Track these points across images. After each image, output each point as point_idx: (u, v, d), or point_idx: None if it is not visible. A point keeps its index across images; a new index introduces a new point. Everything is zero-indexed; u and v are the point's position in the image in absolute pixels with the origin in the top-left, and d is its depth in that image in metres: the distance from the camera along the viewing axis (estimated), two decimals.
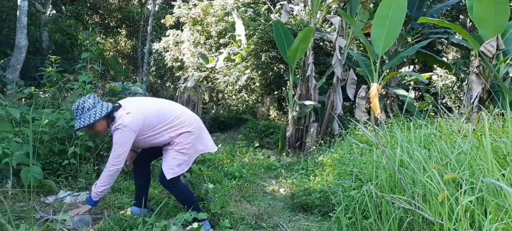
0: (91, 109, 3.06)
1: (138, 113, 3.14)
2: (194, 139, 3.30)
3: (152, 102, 3.46)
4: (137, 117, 3.12)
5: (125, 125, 3.05)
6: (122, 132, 3.05)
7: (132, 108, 3.17)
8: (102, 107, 3.10)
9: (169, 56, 15.49)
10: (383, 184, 3.20)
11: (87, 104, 3.07)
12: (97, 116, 3.04)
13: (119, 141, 3.06)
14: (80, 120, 3.05)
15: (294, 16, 12.64)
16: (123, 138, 3.06)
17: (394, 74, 8.04)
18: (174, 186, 3.30)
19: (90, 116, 3.04)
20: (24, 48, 8.35)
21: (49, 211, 3.38)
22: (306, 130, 8.66)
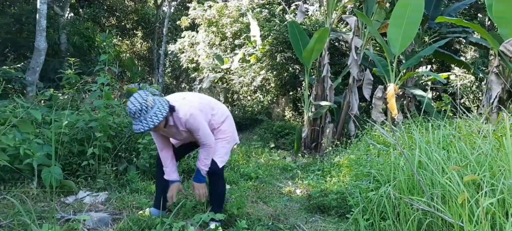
0: (153, 108, 2.86)
1: (192, 98, 3.30)
2: (233, 129, 3.52)
3: (195, 93, 3.63)
4: (193, 100, 3.25)
5: (192, 112, 3.08)
6: (194, 117, 3.09)
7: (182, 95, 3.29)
8: (160, 104, 2.93)
9: (184, 58, 15.58)
10: (401, 185, 3.17)
11: (149, 103, 2.85)
12: (163, 113, 2.90)
13: (197, 126, 3.11)
14: (146, 121, 2.83)
15: (309, 16, 12.61)
16: (198, 121, 3.11)
17: (411, 74, 7.96)
18: (222, 175, 3.43)
19: (156, 114, 2.86)
20: (43, 51, 8.51)
21: (70, 211, 3.44)
22: (321, 131, 8.63)
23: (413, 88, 8.22)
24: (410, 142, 4.14)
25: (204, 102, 3.33)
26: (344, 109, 8.44)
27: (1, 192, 3.61)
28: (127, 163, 4.77)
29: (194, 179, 3.34)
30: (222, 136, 3.38)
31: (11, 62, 9.96)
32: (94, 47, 12.97)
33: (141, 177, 4.63)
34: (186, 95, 3.33)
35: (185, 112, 3.06)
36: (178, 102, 3.12)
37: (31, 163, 3.70)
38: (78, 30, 12.59)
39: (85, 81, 6.72)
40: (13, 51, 11.94)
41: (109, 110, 4.79)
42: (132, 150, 4.89)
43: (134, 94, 2.92)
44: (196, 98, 3.33)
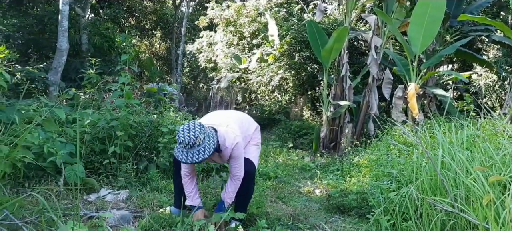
0: (200, 145, 2.86)
1: (233, 123, 3.32)
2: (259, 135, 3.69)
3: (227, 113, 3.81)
4: (234, 126, 3.29)
5: (236, 141, 3.13)
6: (238, 146, 3.15)
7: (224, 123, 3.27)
8: (210, 142, 2.92)
9: (202, 58, 15.69)
10: (424, 186, 3.12)
11: (199, 141, 2.84)
12: (210, 151, 2.89)
13: (239, 154, 3.18)
14: (191, 155, 2.85)
15: (328, 15, 12.53)
16: (240, 150, 3.19)
17: (432, 73, 7.83)
18: (253, 177, 3.47)
19: (203, 151, 2.87)
20: (65, 51, 8.66)
21: (92, 208, 3.49)
22: (340, 131, 8.57)
23: (434, 88, 8.09)
24: (432, 142, 4.08)
25: (243, 127, 3.45)
26: (363, 109, 8.37)
27: (26, 189, 3.68)
28: (147, 162, 4.81)
29: (216, 209, 3.30)
30: (254, 142, 3.58)
31: (34, 62, 10.17)
32: (114, 47, 13.15)
33: (161, 176, 4.66)
34: (228, 121, 3.31)
35: (232, 141, 3.11)
36: (223, 129, 3.16)
37: (55, 161, 3.77)
38: (98, 30, 12.77)
39: (106, 81, 6.82)
40: (36, 51, 12.18)
41: (130, 110, 4.84)
42: (152, 149, 4.93)
43: (188, 124, 2.93)
44: (237, 126, 3.32)
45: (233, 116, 3.58)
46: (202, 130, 2.88)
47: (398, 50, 9.95)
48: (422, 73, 7.47)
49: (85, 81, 6.48)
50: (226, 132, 3.14)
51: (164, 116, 5.67)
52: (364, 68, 8.97)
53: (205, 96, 20.34)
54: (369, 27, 9.65)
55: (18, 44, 11.76)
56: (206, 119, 3.48)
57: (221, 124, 3.23)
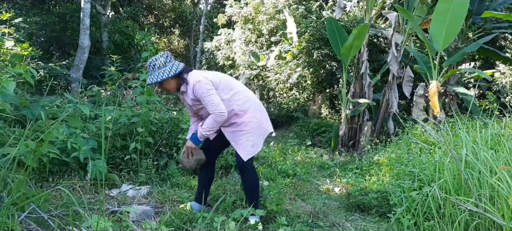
0: (161, 68, 3.16)
1: (208, 72, 3.35)
2: (261, 117, 3.43)
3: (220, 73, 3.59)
4: (208, 73, 3.32)
5: (199, 80, 3.17)
6: (201, 84, 3.16)
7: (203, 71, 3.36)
8: (171, 67, 3.18)
9: (220, 55, 15.73)
10: (447, 185, 3.08)
11: (158, 63, 3.17)
12: (165, 75, 3.14)
13: (203, 92, 3.15)
14: (151, 76, 3.18)
15: (347, 12, 12.43)
16: (204, 88, 3.15)
17: (454, 71, 7.69)
18: (249, 168, 3.39)
19: (160, 73, 3.15)
20: (87, 49, 8.79)
21: (114, 203, 3.55)
22: (359, 129, 8.49)
23: (456, 86, 7.96)
24: (456, 140, 4.01)
25: (221, 79, 3.34)
26: (383, 107, 8.28)
27: (50, 184, 3.76)
28: (167, 158, 4.86)
29: (190, 137, 3.36)
30: (245, 128, 3.31)
31: (56, 59, 10.36)
32: (134, 45, 13.29)
33: (181, 172, 4.71)
34: (207, 71, 3.40)
35: (195, 79, 3.19)
36: (192, 74, 3.26)
37: (78, 156, 3.84)
38: (118, 28, 12.92)
39: (126, 78, 6.91)
40: (58, 49, 12.40)
41: (151, 106, 4.90)
42: (172, 145, 4.98)
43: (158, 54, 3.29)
44: (213, 74, 3.36)
45: (219, 73, 3.50)
46: (167, 58, 3.22)
47: (419, 47, 9.82)
48: (443, 71, 7.35)
49: (107, 78, 6.59)
50: (192, 76, 3.24)
51: (183, 112, 5.72)
52: (384, 66, 8.87)
53: None
54: (390, 24, 9.54)
55: (41, 41, 11.99)
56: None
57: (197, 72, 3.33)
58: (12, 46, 6.01)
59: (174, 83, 3.27)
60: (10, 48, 5.97)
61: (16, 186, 2.07)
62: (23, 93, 5.10)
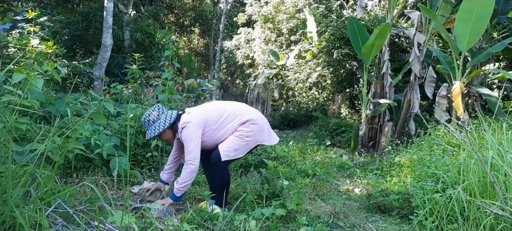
0: (156, 122, 3.31)
1: (198, 110, 3.44)
2: (256, 128, 3.45)
3: (212, 102, 3.76)
4: (198, 112, 3.38)
5: (188, 121, 3.26)
6: (188, 128, 3.26)
7: (193, 109, 3.44)
8: (165, 119, 3.32)
9: (240, 54, 15.79)
10: (472, 187, 3.02)
11: (152, 117, 3.32)
12: (160, 128, 3.29)
13: (187, 137, 3.25)
14: (149, 131, 3.32)
15: (368, 11, 12.31)
16: (189, 133, 3.25)
17: (479, 72, 7.54)
18: (222, 168, 3.42)
19: (156, 127, 3.29)
20: (109, 47, 8.92)
21: (136, 200, 3.60)
22: (380, 129, 8.41)
23: (479, 87, 7.80)
24: (480, 142, 3.93)
25: (209, 114, 3.39)
26: (404, 108, 8.17)
27: (74, 179, 3.84)
28: None
29: (171, 196, 3.35)
30: (236, 133, 3.39)
31: (79, 57, 10.55)
32: (155, 44, 13.43)
33: (201, 170, 4.73)
34: (197, 109, 3.49)
35: (182, 123, 3.30)
36: (185, 115, 3.36)
37: (101, 152, 3.91)
38: (140, 27, 13.08)
39: (147, 76, 6.99)
40: (81, 47, 12.61)
41: (172, 104, 4.94)
42: None
43: (150, 108, 3.44)
44: (201, 111, 3.41)
45: (210, 107, 3.55)
46: (160, 111, 3.35)
47: (442, 47, 9.65)
48: (467, 72, 7.22)
49: (128, 76, 6.68)
50: (183, 118, 3.32)
51: None
52: (406, 66, 8.76)
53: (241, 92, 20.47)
54: (412, 24, 9.41)
55: (65, 40, 12.22)
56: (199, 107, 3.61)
57: (193, 110, 3.41)
58: (37, 44, 6.16)
59: (170, 133, 3.40)
60: (35, 46, 6.12)
61: (43, 181, 2.11)
62: (48, 91, 5.21)
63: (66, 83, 7.73)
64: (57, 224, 2.37)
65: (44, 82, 5.17)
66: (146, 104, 5.15)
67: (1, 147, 2.14)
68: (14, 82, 2.45)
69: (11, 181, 2.00)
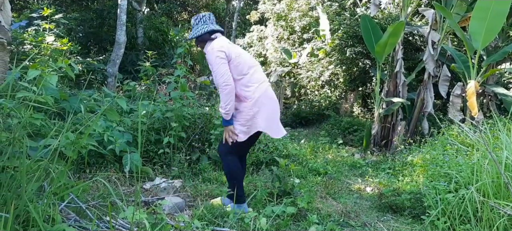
0: (193, 27, 3.50)
1: (226, 43, 3.42)
2: (256, 112, 3.35)
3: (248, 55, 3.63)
4: (224, 44, 3.36)
5: (213, 46, 3.33)
6: (212, 52, 3.30)
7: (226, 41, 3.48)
8: (202, 27, 3.44)
9: (252, 52, 15.75)
10: (485, 188, 2.98)
11: (193, 22, 3.54)
12: (196, 33, 3.44)
13: (211, 61, 3.31)
14: (192, 31, 3.50)
15: (382, 9, 12.19)
16: (213, 56, 3.28)
17: (494, 71, 7.43)
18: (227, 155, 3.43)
19: (194, 31, 3.47)
20: (123, 44, 8.99)
21: (148, 195, 3.63)
22: (392, 128, 8.33)
23: (495, 86, 7.68)
24: (495, 142, 3.88)
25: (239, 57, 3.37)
26: (417, 107, 8.09)
27: (87, 175, 3.89)
28: (199, 153, 4.93)
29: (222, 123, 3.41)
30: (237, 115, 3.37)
31: (93, 54, 10.67)
32: (168, 41, 13.51)
33: (212, 167, 4.77)
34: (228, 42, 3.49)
35: (210, 47, 3.36)
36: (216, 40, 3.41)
37: (114, 149, 3.95)
38: (153, 24, 13.16)
39: (160, 73, 7.04)
40: (95, 44, 12.75)
41: (184, 102, 4.98)
42: (204, 141, 5.05)
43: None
44: (235, 48, 3.46)
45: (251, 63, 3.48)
46: (200, 19, 3.50)
47: (456, 46, 9.53)
48: (482, 71, 7.11)
49: (141, 74, 6.73)
50: (216, 40, 3.41)
51: (216, 108, 5.77)
52: (419, 65, 8.67)
53: None
54: (426, 22, 9.29)
55: (79, 37, 12.37)
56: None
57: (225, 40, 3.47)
58: (52, 41, 6.25)
59: (202, 44, 3.49)
60: (50, 43, 6.21)
61: (57, 176, 2.15)
62: (62, 87, 5.28)
63: (80, 80, 7.82)
64: (70, 219, 2.40)
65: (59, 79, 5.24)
66: (158, 101, 5.20)
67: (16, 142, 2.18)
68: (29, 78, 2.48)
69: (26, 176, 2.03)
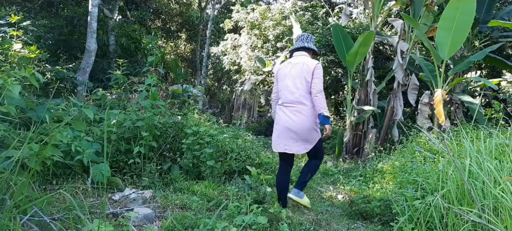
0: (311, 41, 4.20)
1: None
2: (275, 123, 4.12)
3: None
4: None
5: (318, 63, 3.97)
6: (320, 68, 3.95)
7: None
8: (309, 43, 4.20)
9: (226, 60, 15.76)
10: (450, 195, 3.06)
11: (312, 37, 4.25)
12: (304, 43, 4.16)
13: (320, 74, 3.93)
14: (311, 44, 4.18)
15: (353, 19, 12.43)
16: (321, 71, 3.95)
17: (460, 80, 7.66)
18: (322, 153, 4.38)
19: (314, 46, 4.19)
20: (93, 52, 8.84)
21: (116, 207, 3.56)
22: (364, 136, 8.47)
23: (461, 94, 7.91)
24: (460, 150, 3.99)
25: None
26: (387, 115, 8.25)
27: (54, 187, 3.78)
28: (171, 163, 4.88)
29: (320, 121, 3.94)
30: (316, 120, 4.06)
31: (63, 62, 10.42)
32: (140, 49, 13.35)
33: (184, 177, 4.72)
34: None
35: (316, 63, 3.94)
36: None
37: (82, 159, 3.86)
38: (125, 32, 12.98)
39: (132, 82, 6.94)
40: (65, 52, 12.46)
41: (155, 111, 4.92)
42: (176, 150, 5.00)
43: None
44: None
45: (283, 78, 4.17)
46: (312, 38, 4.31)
47: (425, 55, 9.78)
48: (449, 79, 7.32)
49: (112, 82, 6.62)
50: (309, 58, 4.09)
51: (188, 117, 5.73)
52: (389, 73, 8.85)
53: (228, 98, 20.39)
54: (395, 32, 9.53)
55: (49, 44, 12.08)
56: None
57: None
58: (20, 48, 6.07)
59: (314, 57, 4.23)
60: (18, 50, 6.03)
61: (18, 189, 2.08)
62: (29, 96, 5.14)
63: (49, 89, 7.62)
64: None
65: (26, 88, 5.10)
66: (129, 110, 5.12)
67: None
68: None
69: None
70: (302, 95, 3.90)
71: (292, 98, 3.92)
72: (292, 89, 3.93)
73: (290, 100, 3.93)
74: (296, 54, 4.11)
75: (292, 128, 3.89)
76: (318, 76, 3.87)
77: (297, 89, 3.91)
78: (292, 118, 3.89)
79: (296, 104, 3.90)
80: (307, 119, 3.87)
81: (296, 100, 3.90)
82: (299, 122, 3.87)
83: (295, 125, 3.88)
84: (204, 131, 5.11)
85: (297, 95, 3.90)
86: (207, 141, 5.03)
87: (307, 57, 4.03)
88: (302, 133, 3.89)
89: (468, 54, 8.08)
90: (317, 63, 3.91)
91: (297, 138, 3.90)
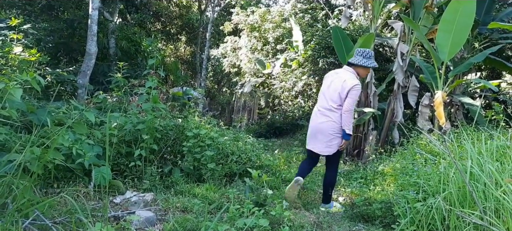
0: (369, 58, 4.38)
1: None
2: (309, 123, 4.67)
3: None
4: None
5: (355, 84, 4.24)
6: (356, 90, 4.24)
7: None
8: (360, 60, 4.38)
9: (226, 62, 15.79)
10: (451, 197, 3.06)
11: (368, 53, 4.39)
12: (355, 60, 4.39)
13: (354, 97, 4.26)
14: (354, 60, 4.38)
15: (353, 21, 12.45)
16: (356, 93, 4.26)
17: (460, 81, 7.66)
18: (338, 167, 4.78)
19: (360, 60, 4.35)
20: (94, 55, 8.84)
21: (118, 210, 3.56)
22: (364, 138, 8.47)
23: (461, 96, 7.92)
24: (461, 151, 3.99)
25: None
26: (388, 117, 8.25)
27: (55, 190, 3.78)
28: (172, 165, 4.87)
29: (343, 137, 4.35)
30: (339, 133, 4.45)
31: (63, 65, 10.42)
32: (140, 51, 13.36)
33: (185, 179, 4.71)
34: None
35: (353, 82, 4.20)
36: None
37: (83, 162, 3.86)
38: (126, 35, 12.99)
39: (132, 85, 6.94)
40: (66, 55, 12.45)
41: (156, 114, 4.92)
42: (176, 153, 4.99)
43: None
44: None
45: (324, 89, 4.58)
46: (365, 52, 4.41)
47: (425, 57, 9.79)
48: (449, 81, 7.33)
49: (113, 85, 6.62)
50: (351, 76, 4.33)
51: (189, 120, 5.73)
52: (390, 75, 8.86)
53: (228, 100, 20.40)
54: (395, 34, 9.53)
55: (49, 47, 12.05)
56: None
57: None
58: (20, 52, 6.07)
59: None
60: (18, 54, 6.03)
61: (20, 193, 2.08)
62: (30, 99, 5.14)
63: (49, 92, 7.61)
64: None
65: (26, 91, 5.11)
66: (130, 113, 5.12)
67: None
68: None
69: None
70: (333, 107, 4.34)
71: (326, 105, 4.42)
72: (327, 98, 4.42)
73: (324, 107, 4.44)
74: (345, 68, 4.48)
75: (319, 130, 4.45)
76: (351, 97, 4.24)
77: (331, 100, 4.36)
78: (321, 122, 4.42)
79: (327, 111, 4.39)
80: (331, 126, 4.34)
81: (328, 108, 4.38)
82: (325, 126, 4.38)
83: (321, 128, 4.42)
84: (204, 133, 5.11)
85: (330, 104, 4.37)
86: (207, 143, 5.03)
87: (350, 74, 4.35)
88: (325, 136, 4.40)
89: (468, 56, 8.09)
90: (355, 85, 4.22)
91: (322, 140, 4.43)
